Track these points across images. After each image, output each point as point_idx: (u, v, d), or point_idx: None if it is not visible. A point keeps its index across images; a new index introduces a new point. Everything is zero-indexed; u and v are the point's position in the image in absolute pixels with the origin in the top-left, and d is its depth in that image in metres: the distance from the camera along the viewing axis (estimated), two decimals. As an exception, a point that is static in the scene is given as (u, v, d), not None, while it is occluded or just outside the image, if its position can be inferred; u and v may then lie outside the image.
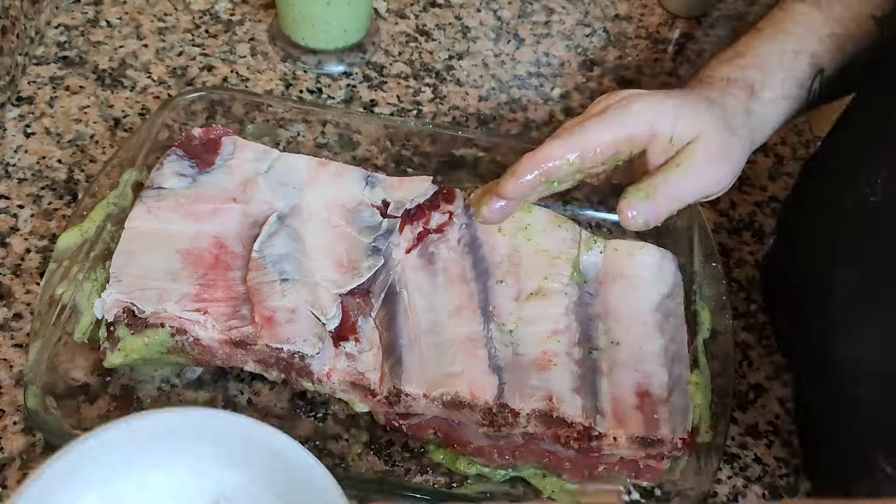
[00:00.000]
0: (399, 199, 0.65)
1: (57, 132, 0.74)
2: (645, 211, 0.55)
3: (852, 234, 0.57)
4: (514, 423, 0.55)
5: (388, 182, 0.66)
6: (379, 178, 0.66)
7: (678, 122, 0.56)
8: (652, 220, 0.56)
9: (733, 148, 0.57)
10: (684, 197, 0.56)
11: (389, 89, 0.83)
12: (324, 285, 0.60)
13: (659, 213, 0.56)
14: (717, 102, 0.58)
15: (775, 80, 0.60)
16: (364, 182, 0.66)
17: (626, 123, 0.56)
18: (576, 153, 0.55)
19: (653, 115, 0.56)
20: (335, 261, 0.61)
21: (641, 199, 0.55)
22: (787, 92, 0.60)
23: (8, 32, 0.74)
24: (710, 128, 0.56)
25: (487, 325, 0.60)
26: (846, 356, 0.57)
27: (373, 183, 0.66)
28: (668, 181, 0.55)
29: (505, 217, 0.59)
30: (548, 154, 0.55)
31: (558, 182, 0.57)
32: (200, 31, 0.85)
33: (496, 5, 0.92)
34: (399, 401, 0.56)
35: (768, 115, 0.60)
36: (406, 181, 0.66)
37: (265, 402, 0.61)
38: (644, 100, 0.56)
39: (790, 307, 0.67)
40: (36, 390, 0.54)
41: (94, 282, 0.59)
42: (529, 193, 0.57)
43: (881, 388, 0.53)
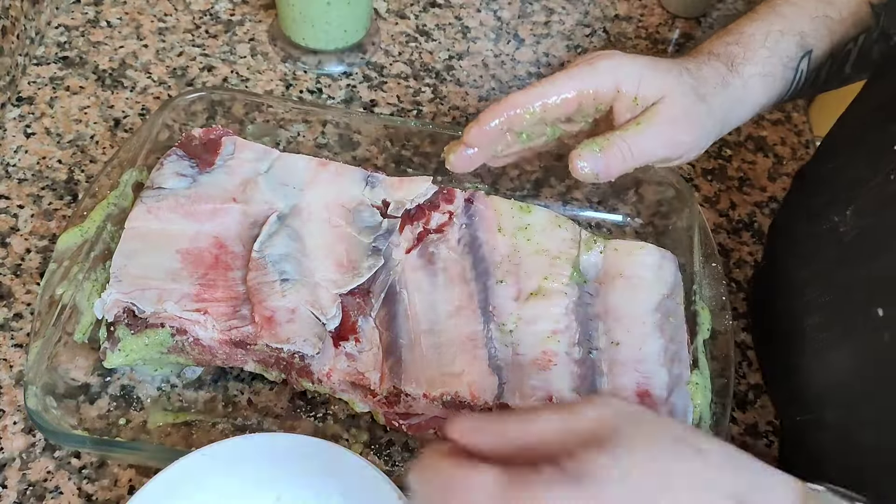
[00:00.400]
0: (399, 199, 0.65)
1: (57, 132, 0.74)
2: (595, 163, 0.55)
3: (823, 261, 0.57)
4: (514, 423, 0.55)
5: (388, 182, 0.66)
6: (379, 178, 0.66)
7: (643, 82, 0.56)
8: (602, 174, 0.56)
9: (700, 113, 0.57)
10: (640, 155, 0.56)
11: (389, 89, 0.83)
12: (324, 285, 0.60)
13: (610, 168, 0.56)
14: (692, 71, 0.59)
15: (758, 56, 0.60)
16: (364, 182, 0.66)
17: (591, 78, 0.56)
18: (538, 102, 0.56)
19: (618, 72, 0.56)
20: (335, 261, 0.61)
21: (593, 151, 0.55)
22: (770, 69, 0.60)
23: (8, 33, 0.74)
24: (676, 90, 0.57)
25: (487, 325, 0.60)
26: (814, 379, 0.57)
27: (373, 183, 0.66)
28: (624, 137, 0.56)
29: (472, 166, 0.60)
30: (511, 102, 0.57)
31: (526, 135, 0.58)
32: (200, 31, 0.85)
33: (496, 5, 0.93)
34: (399, 401, 0.56)
35: (749, 90, 0.60)
36: (406, 181, 0.66)
37: (265, 402, 0.61)
38: (613, 58, 0.57)
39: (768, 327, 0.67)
40: (36, 390, 0.54)
41: (94, 282, 0.59)
42: (496, 142, 0.58)
43: (846, 413, 0.54)
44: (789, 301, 0.61)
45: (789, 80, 0.62)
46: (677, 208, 0.70)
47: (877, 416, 0.51)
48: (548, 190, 0.74)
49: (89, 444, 0.55)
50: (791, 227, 0.65)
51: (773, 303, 0.65)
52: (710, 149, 0.82)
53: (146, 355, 0.58)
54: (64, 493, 0.56)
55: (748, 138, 0.84)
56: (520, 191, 0.74)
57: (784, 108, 0.87)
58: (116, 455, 0.56)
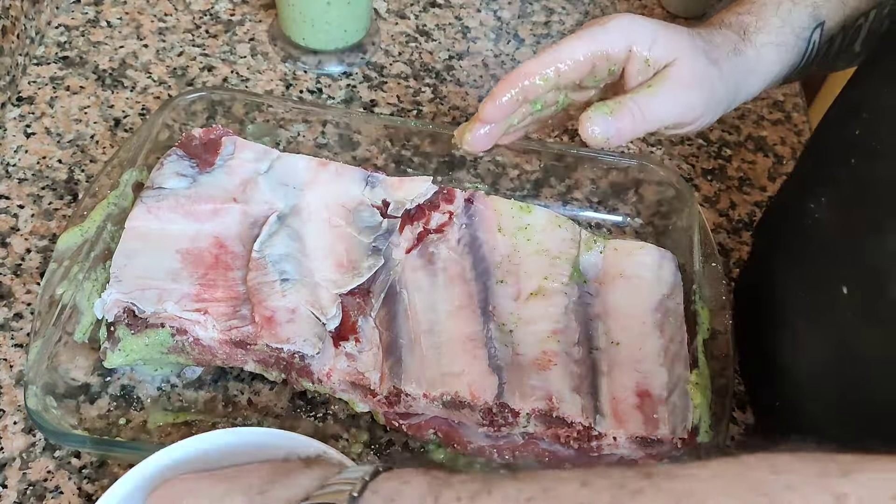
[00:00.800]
0: (399, 199, 0.65)
1: (57, 132, 0.74)
2: (606, 127, 0.54)
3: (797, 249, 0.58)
4: (514, 422, 0.55)
5: (388, 182, 0.66)
6: (379, 178, 0.66)
7: (655, 44, 0.55)
8: (613, 138, 0.55)
9: (712, 76, 0.57)
10: (652, 118, 0.55)
11: (389, 89, 0.83)
12: (324, 285, 0.60)
13: (622, 132, 0.55)
14: (703, 36, 0.58)
15: (770, 25, 0.60)
16: (364, 182, 0.66)
17: (602, 39, 0.55)
18: (551, 67, 0.55)
19: (630, 33, 0.55)
20: (335, 261, 0.61)
21: (604, 114, 0.54)
22: (782, 39, 0.60)
23: (8, 32, 0.74)
24: (688, 52, 0.56)
25: (487, 325, 0.60)
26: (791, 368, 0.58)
27: (373, 183, 0.66)
28: (636, 100, 0.55)
29: (490, 143, 0.58)
30: (524, 71, 0.55)
31: (541, 104, 0.58)
32: (200, 31, 0.85)
33: (496, 5, 0.93)
34: (399, 401, 0.56)
35: (762, 59, 0.60)
36: (406, 181, 0.66)
37: (265, 402, 0.61)
38: (624, 18, 0.56)
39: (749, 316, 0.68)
40: (36, 390, 0.54)
41: (94, 282, 0.59)
42: (511, 115, 0.57)
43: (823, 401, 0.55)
44: (768, 289, 0.61)
45: (802, 50, 0.61)
46: (677, 208, 0.70)
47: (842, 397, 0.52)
48: (548, 190, 0.74)
49: (89, 444, 0.55)
50: (776, 223, 0.65)
51: (754, 292, 0.66)
52: (710, 149, 0.82)
53: (146, 355, 0.58)
54: (64, 493, 0.56)
55: (748, 138, 0.84)
56: (520, 191, 0.74)
57: (784, 109, 0.87)
58: (116, 455, 0.56)
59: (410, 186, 0.66)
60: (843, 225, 0.53)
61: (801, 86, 0.91)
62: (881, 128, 0.50)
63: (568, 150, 0.72)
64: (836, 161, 0.55)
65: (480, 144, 0.58)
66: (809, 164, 0.62)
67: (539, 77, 0.55)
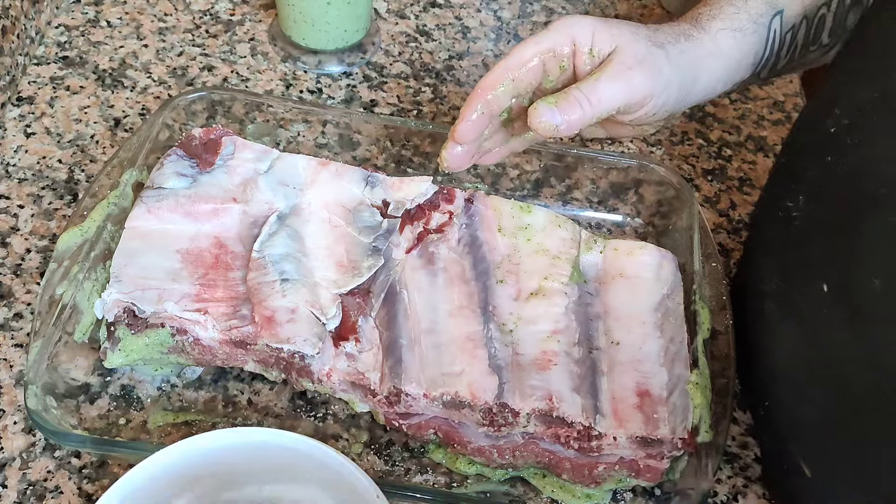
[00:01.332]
0: (399, 199, 0.65)
1: (57, 132, 0.74)
2: (551, 116, 0.56)
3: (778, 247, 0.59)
4: (514, 422, 0.55)
5: (388, 182, 0.66)
6: (379, 178, 0.66)
7: (596, 34, 0.58)
8: (563, 126, 0.56)
9: (656, 57, 0.58)
10: (598, 103, 0.57)
11: (389, 89, 0.83)
12: (324, 285, 0.60)
13: (570, 119, 0.56)
14: (649, 27, 0.61)
15: (725, 13, 0.62)
16: (364, 182, 0.66)
17: (547, 39, 0.58)
18: (506, 76, 0.58)
19: (572, 28, 0.58)
20: (335, 261, 0.61)
21: (549, 104, 0.56)
22: (738, 24, 0.62)
23: (8, 32, 0.74)
24: (628, 39, 0.58)
25: (487, 325, 0.60)
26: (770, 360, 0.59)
27: (373, 183, 0.66)
28: (580, 88, 0.57)
29: (467, 163, 0.61)
30: (483, 86, 0.58)
31: (506, 113, 0.60)
32: (200, 31, 0.85)
33: (496, 5, 0.93)
34: (399, 401, 0.56)
35: (719, 44, 0.61)
36: (406, 181, 0.66)
37: (265, 402, 0.61)
38: (567, 18, 0.59)
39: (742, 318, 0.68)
40: (36, 390, 0.54)
41: (94, 282, 0.59)
42: (483, 131, 0.60)
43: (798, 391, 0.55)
44: (754, 289, 0.62)
45: (763, 38, 0.63)
46: (677, 208, 0.70)
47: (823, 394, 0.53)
48: (548, 190, 0.74)
49: (89, 444, 0.55)
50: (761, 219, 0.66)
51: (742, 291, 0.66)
52: (710, 149, 0.82)
53: (146, 355, 0.58)
54: (64, 493, 0.56)
55: (748, 138, 0.84)
56: (520, 191, 0.74)
57: (784, 109, 0.87)
58: (116, 455, 0.56)
59: (410, 186, 0.66)
60: (820, 222, 0.54)
61: (801, 86, 0.91)
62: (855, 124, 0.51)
63: (568, 150, 0.72)
64: (811, 157, 0.56)
65: (456, 164, 0.61)
66: (787, 161, 0.63)
67: (498, 89, 0.58)
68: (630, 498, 0.59)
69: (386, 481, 0.57)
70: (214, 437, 0.50)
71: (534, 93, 0.61)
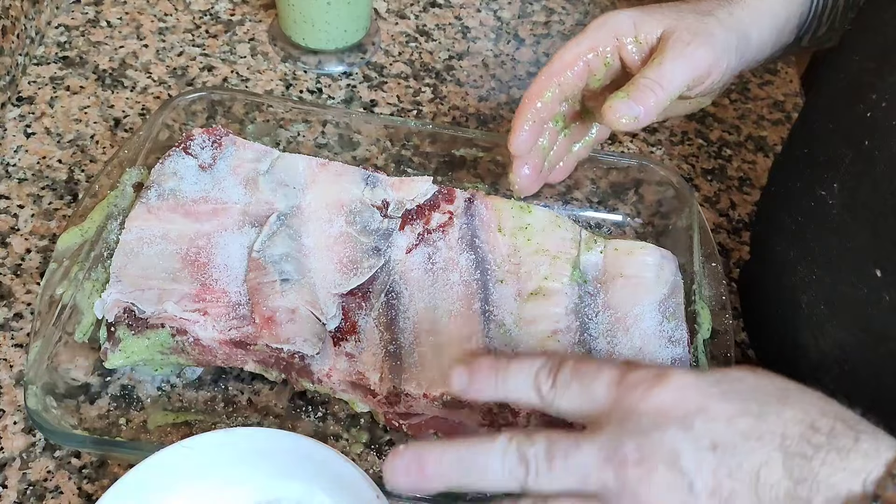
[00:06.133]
0: (399, 199, 0.65)
1: (57, 132, 0.74)
2: (629, 109, 0.55)
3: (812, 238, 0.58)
4: (514, 422, 0.55)
5: (388, 182, 0.66)
6: (379, 178, 0.66)
7: (638, 24, 0.58)
8: (641, 116, 0.55)
9: (710, 27, 0.58)
10: (668, 84, 0.56)
11: (389, 89, 0.83)
12: (324, 285, 0.60)
13: (647, 108, 0.55)
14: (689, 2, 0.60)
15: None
16: (364, 182, 0.66)
17: (586, 39, 0.58)
18: (553, 83, 0.58)
19: (611, 23, 0.58)
20: (335, 261, 0.61)
21: (621, 98, 0.55)
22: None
23: (8, 32, 0.74)
24: (674, 16, 0.58)
25: (487, 324, 0.60)
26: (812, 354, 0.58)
27: (373, 183, 0.66)
28: (646, 75, 0.56)
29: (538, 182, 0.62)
30: (530, 97, 0.58)
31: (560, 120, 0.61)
32: (200, 31, 0.85)
33: (496, 5, 0.93)
34: (399, 401, 0.56)
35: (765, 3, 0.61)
36: (406, 181, 0.66)
37: (265, 402, 0.61)
38: (602, 16, 0.59)
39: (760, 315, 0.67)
40: (36, 390, 0.54)
41: (94, 282, 0.59)
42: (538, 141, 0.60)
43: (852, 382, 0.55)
44: (780, 283, 0.61)
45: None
46: (677, 208, 0.70)
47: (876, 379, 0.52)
48: (548, 190, 0.74)
49: (89, 444, 0.55)
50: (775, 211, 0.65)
51: (763, 289, 0.66)
52: (710, 149, 0.82)
53: (147, 356, 0.58)
54: (64, 493, 0.56)
55: (748, 138, 0.84)
56: (520, 191, 0.74)
57: (784, 109, 0.87)
58: (116, 455, 0.56)
59: (410, 186, 0.66)
60: (859, 206, 0.53)
61: (800, 86, 0.91)
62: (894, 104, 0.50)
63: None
64: (843, 143, 0.55)
65: (529, 183, 0.62)
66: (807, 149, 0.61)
67: (545, 98, 0.58)
68: (630, 498, 0.59)
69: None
70: (215, 437, 0.50)
71: (582, 94, 0.60)
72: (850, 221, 0.54)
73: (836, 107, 0.58)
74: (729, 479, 0.37)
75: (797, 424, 0.37)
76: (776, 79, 0.90)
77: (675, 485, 0.37)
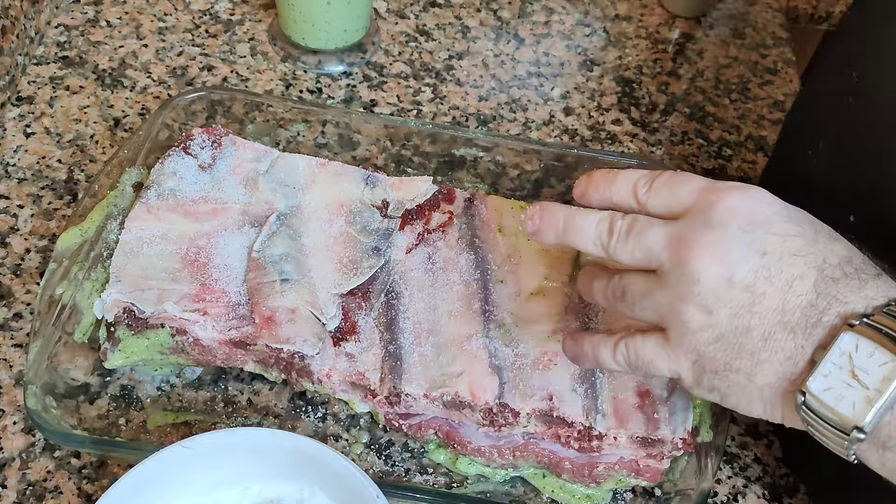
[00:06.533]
0: (399, 199, 0.65)
1: (57, 132, 0.74)
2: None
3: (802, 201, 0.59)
4: (515, 423, 0.55)
5: (388, 182, 0.66)
6: (379, 178, 0.66)
7: None
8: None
9: None
10: None
11: (389, 89, 0.83)
12: (324, 285, 0.60)
13: None
14: None
15: None
16: (364, 182, 0.66)
17: None
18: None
19: None
20: (335, 261, 0.61)
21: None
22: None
23: (8, 32, 0.74)
24: None
25: (487, 325, 0.60)
26: None
27: (373, 183, 0.66)
28: None
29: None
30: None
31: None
32: (200, 31, 0.85)
33: (496, 5, 0.92)
34: (399, 401, 0.56)
35: None
36: (406, 181, 0.66)
37: (265, 402, 0.61)
38: None
39: None
40: (36, 390, 0.54)
41: (94, 282, 0.59)
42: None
43: None
44: None
45: None
46: (677, 208, 0.70)
47: None
48: (548, 190, 0.74)
49: (89, 444, 0.55)
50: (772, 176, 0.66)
51: None
52: (710, 149, 0.82)
53: (147, 356, 0.58)
54: (64, 493, 0.56)
55: (748, 138, 0.84)
56: (520, 191, 0.74)
57: (784, 108, 0.87)
58: (116, 455, 0.56)
59: (410, 186, 0.66)
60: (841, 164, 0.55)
61: (800, 86, 0.91)
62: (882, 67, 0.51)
63: (568, 150, 0.72)
64: (830, 106, 0.57)
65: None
66: (801, 117, 0.63)
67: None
68: (630, 498, 0.59)
69: (386, 481, 0.57)
70: (214, 437, 0.50)
71: None
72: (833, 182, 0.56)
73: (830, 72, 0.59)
74: (765, 281, 0.43)
75: (837, 256, 0.44)
76: (776, 79, 0.90)
77: (718, 273, 0.43)
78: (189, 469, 0.50)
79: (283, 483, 0.52)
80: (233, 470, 0.51)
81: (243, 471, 0.51)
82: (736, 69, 0.90)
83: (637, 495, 0.59)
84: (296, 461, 0.50)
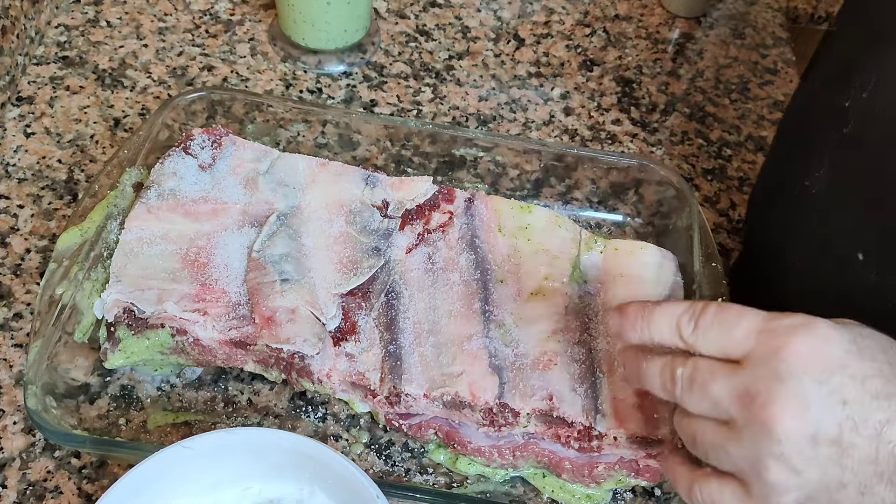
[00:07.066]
0: (399, 199, 0.65)
1: (57, 132, 0.74)
2: None
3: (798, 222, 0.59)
4: (515, 422, 0.55)
5: (388, 182, 0.66)
6: (379, 178, 0.66)
7: None
8: None
9: None
10: None
11: (389, 89, 0.83)
12: (324, 285, 0.60)
13: None
14: None
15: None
16: (364, 182, 0.66)
17: None
18: None
19: None
20: (335, 261, 0.61)
21: None
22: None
23: (8, 32, 0.74)
24: None
25: (487, 324, 0.60)
26: None
27: (373, 183, 0.66)
28: None
29: None
30: None
31: None
32: (200, 31, 0.85)
33: (496, 5, 0.92)
34: (399, 401, 0.56)
35: None
36: (406, 181, 0.66)
37: (265, 402, 0.61)
38: None
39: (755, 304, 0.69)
40: (36, 390, 0.54)
41: (94, 282, 0.59)
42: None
43: None
44: (769, 268, 0.62)
45: None
46: (677, 208, 0.70)
47: None
48: (548, 190, 0.74)
49: (89, 444, 0.55)
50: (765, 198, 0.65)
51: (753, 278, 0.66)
52: (710, 149, 0.82)
53: (147, 356, 0.58)
54: (64, 493, 0.56)
55: (748, 138, 0.84)
56: (520, 191, 0.74)
57: (784, 109, 0.87)
58: (116, 455, 0.56)
59: (410, 186, 0.66)
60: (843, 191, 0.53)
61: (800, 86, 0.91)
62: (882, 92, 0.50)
63: (568, 150, 0.72)
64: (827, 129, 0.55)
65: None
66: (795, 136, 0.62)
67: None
68: (630, 498, 0.59)
69: (386, 481, 0.57)
70: (214, 437, 0.50)
71: None
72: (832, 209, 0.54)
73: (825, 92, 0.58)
74: (852, 432, 0.40)
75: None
76: (776, 79, 0.90)
77: (801, 431, 0.40)
78: (189, 469, 0.50)
79: (283, 483, 0.52)
80: (233, 470, 0.51)
81: (243, 470, 0.51)
82: (736, 69, 0.90)
83: (637, 495, 0.59)
84: (296, 461, 0.50)
